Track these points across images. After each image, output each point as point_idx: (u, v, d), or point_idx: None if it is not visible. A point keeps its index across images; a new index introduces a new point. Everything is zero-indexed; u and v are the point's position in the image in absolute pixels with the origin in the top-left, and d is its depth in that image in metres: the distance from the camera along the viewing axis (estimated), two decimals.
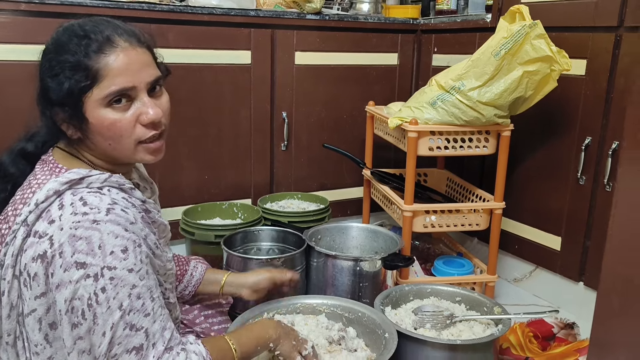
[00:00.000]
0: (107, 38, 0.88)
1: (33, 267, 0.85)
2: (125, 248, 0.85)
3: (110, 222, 0.84)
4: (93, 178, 0.89)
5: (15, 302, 0.88)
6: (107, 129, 0.89)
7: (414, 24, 2.26)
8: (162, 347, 0.87)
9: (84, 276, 0.82)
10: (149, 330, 0.86)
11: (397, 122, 1.63)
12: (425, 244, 2.12)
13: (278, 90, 2.07)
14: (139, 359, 0.85)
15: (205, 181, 2.00)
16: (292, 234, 1.67)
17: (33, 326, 0.88)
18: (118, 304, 0.83)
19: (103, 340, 0.83)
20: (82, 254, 0.82)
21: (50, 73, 0.88)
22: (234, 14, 1.90)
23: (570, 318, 1.65)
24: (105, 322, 0.83)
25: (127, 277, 0.84)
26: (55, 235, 0.84)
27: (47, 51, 0.90)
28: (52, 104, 0.90)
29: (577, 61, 1.60)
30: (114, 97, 0.88)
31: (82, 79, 0.86)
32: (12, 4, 1.58)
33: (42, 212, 0.86)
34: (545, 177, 1.76)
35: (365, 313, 1.32)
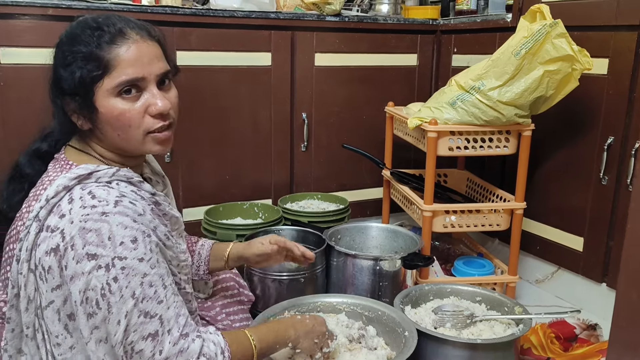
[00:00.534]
0: (119, 30, 0.91)
1: (47, 261, 0.87)
2: (134, 238, 0.86)
3: (118, 214, 0.86)
4: (101, 172, 0.91)
5: (32, 296, 0.91)
6: (116, 119, 0.91)
7: (433, 25, 2.26)
8: (177, 333, 0.89)
9: (95, 267, 0.84)
10: (163, 316, 0.88)
11: (417, 122, 1.63)
12: (445, 244, 2.11)
13: (298, 91, 2.08)
14: (155, 345, 0.87)
15: (226, 181, 2.03)
16: (312, 233, 1.69)
17: (52, 317, 0.90)
18: (130, 293, 0.85)
19: (118, 329, 0.85)
20: (93, 245, 0.84)
21: (63, 63, 0.91)
22: (254, 16, 1.92)
23: (593, 319, 1.63)
24: (120, 311, 0.85)
25: (138, 266, 0.86)
26: (66, 228, 0.86)
27: (61, 42, 0.93)
28: (64, 93, 0.92)
29: (599, 60, 1.58)
30: (124, 87, 0.90)
31: (93, 68, 0.88)
32: (40, 8, 1.62)
33: (52, 207, 0.88)
34: (567, 177, 1.75)
35: (385, 312, 1.33)
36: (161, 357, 0.87)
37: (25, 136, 1.64)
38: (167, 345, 0.87)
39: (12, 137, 1.66)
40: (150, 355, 0.86)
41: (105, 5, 1.69)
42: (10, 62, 1.62)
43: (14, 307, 0.92)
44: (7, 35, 1.61)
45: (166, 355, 0.87)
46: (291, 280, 1.47)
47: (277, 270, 1.49)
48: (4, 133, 1.65)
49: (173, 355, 0.88)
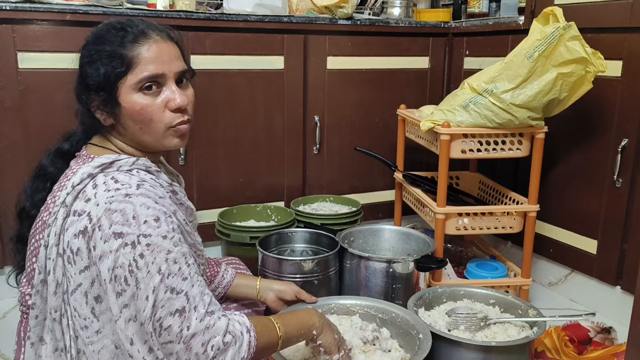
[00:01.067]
0: (141, 31, 0.97)
1: (75, 243, 0.90)
2: (157, 217, 0.90)
3: (141, 195, 0.91)
4: (122, 162, 0.96)
5: (60, 280, 0.94)
6: (138, 113, 0.96)
7: (445, 27, 2.26)
8: (203, 310, 0.91)
9: (122, 245, 0.88)
10: (189, 293, 0.90)
11: (430, 125, 1.64)
12: (458, 247, 2.11)
13: (310, 95, 2.10)
14: (183, 320, 0.89)
15: (240, 184, 2.04)
16: (325, 235, 1.69)
17: (80, 300, 0.93)
18: (157, 268, 0.88)
19: (147, 305, 0.88)
20: (119, 224, 0.88)
21: (89, 61, 0.96)
22: (267, 20, 1.94)
23: (607, 322, 1.62)
24: (147, 286, 0.88)
25: (162, 243, 0.90)
26: (93, 211, 0.90)
27: (87, 42, 0.99)
28: (89, 89, 0.96)
29: (613, 62, 1.58)
30: (145, 83, 0.95)
31: (117, 65, 0.94)
32: (58, 14, 1.65)
33: (78, 193, 0.93)
34: (581, 180, 1.75)
35: (399, 314, 1.33)
36: (189, 332, 0.89)
37: (45, 139, 1.66)
38: (194, 322, 0.89)
39: (33, 140, 1.69)
40: (179, 331, 0.88)
41: (121, 10, 1.72)
42: (30, 66, 1.65)
43: (39, 293, 0.95)
44: (26, 41, 1.64)
45: (194, 331, 0.89)
46: (305, 282, 1.48)
47: (290, 273, 1.50)
48: (24, 136, 1.68)
49: (200, 331, 0.90)
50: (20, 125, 1.67)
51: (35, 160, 1.69)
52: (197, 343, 0.89)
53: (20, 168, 1.68)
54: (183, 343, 0.89)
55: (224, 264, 1.39)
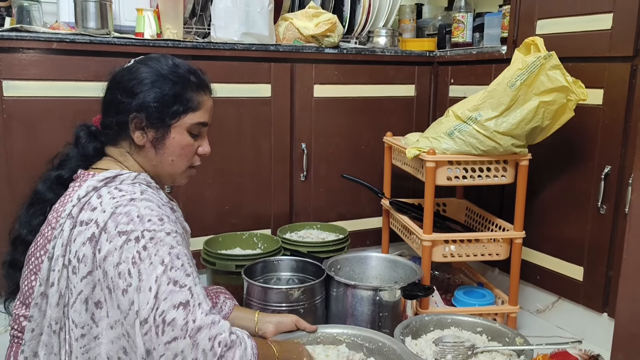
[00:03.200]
0: (207, 84, 1.13)
1: (82, 250, 0.93)
2: (161, 218, 0.96)
3: (145, 200, 0.97)
4: (124, 176, 1.02)
5: (63, 292, 0.95)
6: (180, 148, 1.08)
7: (430, 56, 2.30)
8: (207, 307, 0.92)
9: (126, 241, 0.92)
10: (192, 289, 0.92)
11: (415, 152, 1.65)
12: (445, 274, 2.10)
13: (297, 122, 2.11)
14: (187, 313, 0.89)
15: (226, 212, 2.03)
16: (312, 263, 1.68)
17: (80, 309, 0.94)
18: (159, 260, 0.91)
19: (149, 296, 0.88)
20: (124, 224, 0.93)
21: (163, 90, 1.05)
22: (254, 49, 1.96)
23: (595, 350, 1.61)
24: (149, 277, 0.89)
25: (165, 238, 0.94)
26: (100, 217, 0.94)
27: (162, 74, 1.07)
28: (142, 109, 1.04)
29: (594, 91, 1.61)
30: (197, 127, 1.09)
31: (188, 104, 1.07)
32: (45, 42, 1.66)
33: (83, 205, 0.97)
34: (566, 207, 1.76)
35: (386, 343, 1.32)
36: (195, 325, 0.88)
37: (28, 167, 1.67)
38: (199, 315, 0.90)
39: (16, 168, 1.67)
40: (184, 323, 0.88)
41: (108, 39, 1.73)
42: (14, 94, 1.65)
43: (38, 305, 0.95)
44: (11, 69, 1.64)
45: (200, 324, 0.89)
46: (290, 311, 1.46)
47: (276, 301, 1.48)
48: (7, 165, 1.66)
49: (206, 325, 0.89)
50: (3, 153, 1.66)
51: (19, 188, 1.68)
52: (204, 337, 0.88)
53: (3, 196, 1.66)
54: (189, 337, 0.87)
55: (223, 295, 1.39)
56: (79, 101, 1.72)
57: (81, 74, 1.72)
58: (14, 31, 1.62)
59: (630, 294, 0.55)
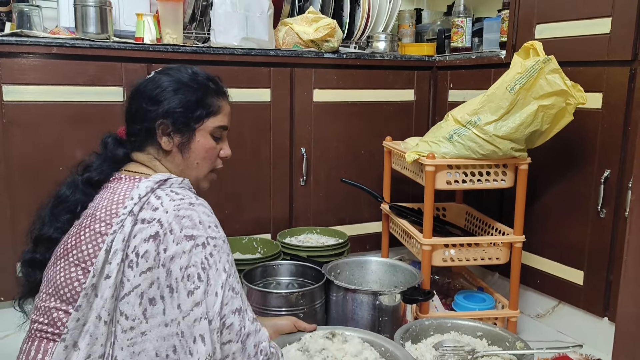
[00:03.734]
0: (224, 90, 1.21)
1: (144, 247, 0.98)
2: (216, 224, 1.04)
3: (201, 205, 1.04)
4: (174, 180, 1.08)
5: (118, 284, 0.98)
6: (205, 151, 1.16)
7: (429, 61, 2.31)
8: (251, 314, 1.04)
9: (194, 246, 0.98)
10: (242, 295, 1.03)
11: (415, 156, 1.65)
12: (445, 278, 2.10)
13: (297, 127, 2.11)
14: (241, 320, 1.00)
15: (225, 216, 2.03)
16: (311, 268, 1.68)
17: (134, 302, 0.98)
18: (223, 267, 1.00)
19: (216, 300, 0.98)
20: (189, 228, 0.99)
21: (187, 98, 1.12)
22: (254, 53, 1.96)
23: (595, 354, 1.61)
24: (216, 283, 0.98)
25: (223, 245, 1.03)
26: (163, 217, 0.99)
27: (183, 82, 1.13)
28: (168, 116, 1.11)
29: (593, 95, 1.61)
30: (219, 130, 1.18)
31: (211, 109, 1.15)
32: (45, 47, 1.66)
33: (143, 204, 1.02)
34: (565, 211, 1.76)
35: (389, 348, 1.32)
36: (245, 332, 1.00)
37: (28, 172, 1.67)
38: (247, 322, 1.01)
39: (15, 172, 1.67)
40: (239, 329, 0.99)
41: (107, 44, 1.73)
42: (14, 99, 1.65)
43: (87, 296, 0.98)
44: (11, 73, 1.64)
45: (248, 331, 1.01)
46: (290, 315, 1.46)
47: (276, 306, 1.48)
48: (6, 169, 1.66)
49: (252, 332, 1.01)
50: (3, 158, 1.65)
51: (18, 192, 1.68)
52: (251, 343, 1.01)
53: (2, 200, 1.66)
54: (241, 342, 0.99)
55: None
56: (78, 106, 1.72)
57: (81, 78, 1.72)
58: (14, 36, 1.63)
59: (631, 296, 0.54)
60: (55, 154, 1.70)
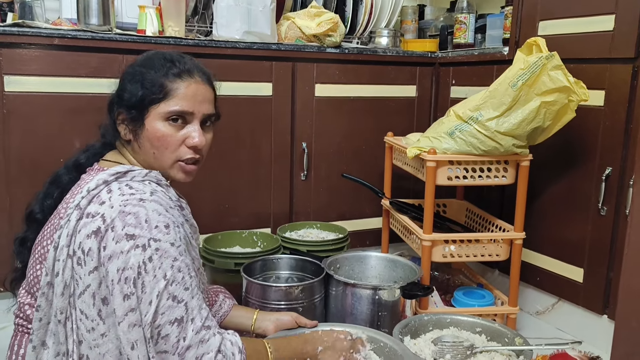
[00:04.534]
0: (187, 69, 1.06)
1: (87, 243, 0.93)
2: (167, 224, 0.95)
3: (154, 202, 0.96)
4: (136, 172, 1.01)
5: (68, 282, 0.95)
6: (157, 139, 1.04)
7: (432, 57, 2.30)
8: (199, 323, 0.94)
9: (133, 246, 0.91)
10: (188, 304, 0.94)
11: (416, 152, 1.65)
12: (445, 274, 2.10)
13: (298, 121, 2.11)
14: (180, 331, 0.92)
15: (225, 210, 2.03)
16: (311, 262, 1.68)
17: (88, 302, 0.94)
18: (162, 274, 0.92)
19: (149, 309, 0.90)
20: (131, 226, 0.92)
21: (132, 79, 1.05)
22: (256, 47, 1.96)
23: (595, 352, 1.61)
24: (152, 290, 0.91)
25: (170, 249, 0.93)
26: (107, 212, 0.93)
27: (136, 63, 1.08)
28: (121, 104, 1.05)
29: (596, 92, 1.61)
30: (173, 115, 1.03)
31: (156, 92, 1.03)
32: (47, 38, 1.66)
33: (92, 197, 0.97)
34: (566, 208, 1.75)
35: (388, 343, 1.31)
36: (185, 344, 0.92)
37: (27, 162, 1.67)
38: (190, 333, 0.93)
39: (14, 163, 1.67)
40: (175, 341, 0.92)
41: (110, 35, 1.73)
42: (15, 90, 1.65)
43: (45, 295, 0.96)
44: (13, 64, 1.63)
45: (189, 343, 0.92)
46: (289, 309, 1.46)
47: (275, 299, 1.48)
48: (5, 160, 1.66)
49: (195, 344, 0.92)
50: (2, 148, 1.65)
51: (17, 183, 1.69)
52: (191, 356, 0.92)
53: (0, 190, 1.66)
54: (178, 355, 0.91)
55: (222, 294, 1.39)
56: (80, 97, 1.72)
57: (82, 70, 1.72)
58: (15, 26, 1.62)
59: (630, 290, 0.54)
60: (56, 145, 1.70)
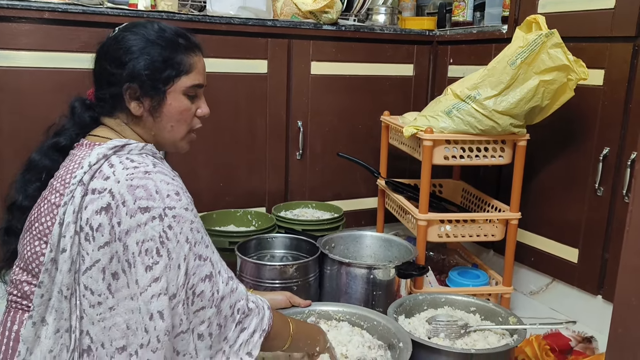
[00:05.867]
0: (197, 44, 1.10)
1: (97, 219, 0.93)
2: (177, 192, 0.96)
3: (159, 173, 0.97)
4: (132, 146, 1.01)
5: (74, 258, 0.94)
6: (179, 113, 1.07)
7: (429, 35, 2.27)
8: (225, 274, 1.00)
9: (150, 218, 0.92)
10: (212, 259, 0.98)
11: (412, 131, 1.63)
12: (440, 254, 2.10)
13: (294, 100, 2.08)
14: (212, 285, 0.97)
15: (220, 188, 2.01)
16: (306, 241, 1.67)
17: (97, 277, 0.94)
18: (185, 238, 0.94)
19: (179, 273, 0.93)
20: (143, 199, 0.92)
21: (152, 56, 1.02)
22: (251, 23, 1.92)
23: (588, 332, 1.61)
24: (179, 256, 0.93)
25: (185, 214, 0.95)
26: (114, 188, 0.93)
27: (149, 40, 1.04)
28: (135, 79, 1.02)
29: (595, 71, 1.59)
30: (194, 88, 1.07)
31: (179, 67, 1.05)
32: (36, 12, 1.62)
33: (94, 172, 0.96)
34: (563, 188, 1.75)
35: (381, 322, 1.32)
36: (219, 295, 0.97)
37: (18, 139, 1.64)
38: (221, 285, 0.98)
39: (5, 139, 1.64)
40: (210, 295, 0.96)
41: (101, 9, 1.69)
42: (4, 64, 1.61)
43: (48, 271, 0.95)
44: (2, 38, 1.60)
45: (222, 294, 0.98)
46: (284, 288, 1.45)
47: (269, 278, 1.47)
48: None
49: (227, 294, 0.98)
50: None
51: (7, 159, 1.66)
52: (226, 305, 0.98)
53: None
54: (215, 307, 0.97)
55: None
56: (71, 72, 1.69)
57: (74, 44, 1.68)
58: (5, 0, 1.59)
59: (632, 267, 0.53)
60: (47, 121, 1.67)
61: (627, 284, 0.55)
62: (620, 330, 0.59)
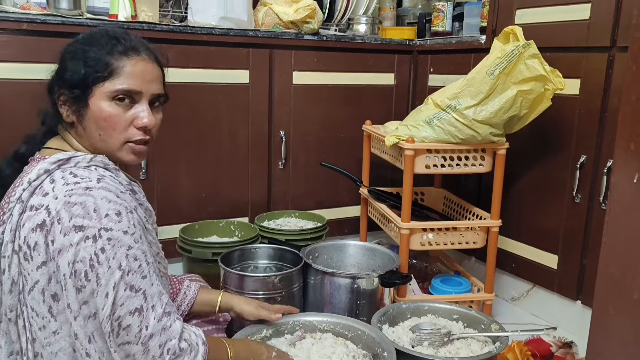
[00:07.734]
0: (133, 46, 1.00)
1: (33, 237, 0.88)
2: (118, 212, 0.90)
3: (102, 189, 0.90)
4: (80, 158, 0.95)
5: (16, 278, 0.91)
6: (103, 120, 0.97)
7: (410, 45, 2.29)
8: (160, 310, 0.92)
9: (83, 238, 0.86)
10: (147, 292, 0.91)
11: (394, 140, 1.64)
12: (423, 262, 2.11)
13: (276, 109, 2.08)
14: (141, 320, 0.89)
15: (202, 199, 2.00)
16: (289, 251, 1.67)
17: (38, 299, 0.90)
18: (117, 264, 0.88)
19: (106, 302, 0.87)
20: (79, 217, 0.87)
21: (73, 56, 0.98)
22: (232, 34, 1.92)
23: (569, 337, 1.64)
24: (108, 282, 0.87)
25: (123, 238, 0.89)
26: (51, 204, 0.89)
27: (78, 40, 1.01)
28: (63, 83, 0.98)
29: (571, 81, 1.62)
30: (120, 94, 0.97)
31: (100, 70, 0.96)
32: (14, 23, 1.60)
33: (35, 189, 0.92)
34: (542, 196, 1.78)
35: (365, 331, 1.32)
36: (147, 332, 0.89)
37: None
38: (152, 321, 0.90)
39: None
40: (138, 330, 0.88)
41: (80, 20, 1.68)
42: None
43: None
44: None
45: (151, 331, 0.89)
46: (268, 299, 1.45)
47: (253, 289, 1.46)
48: None
49: (157, 332, 0.90)
50: None
51: None
52: (155, 345, 0.90)
53: None
54: (141, 344, 0.89)
55: (187, 280, 1.35)
56: None
57: (52, 56, 1.65)
58: None
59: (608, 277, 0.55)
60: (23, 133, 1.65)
61: (604, 294, 0.56)
62: (599, 337, 0.60)
